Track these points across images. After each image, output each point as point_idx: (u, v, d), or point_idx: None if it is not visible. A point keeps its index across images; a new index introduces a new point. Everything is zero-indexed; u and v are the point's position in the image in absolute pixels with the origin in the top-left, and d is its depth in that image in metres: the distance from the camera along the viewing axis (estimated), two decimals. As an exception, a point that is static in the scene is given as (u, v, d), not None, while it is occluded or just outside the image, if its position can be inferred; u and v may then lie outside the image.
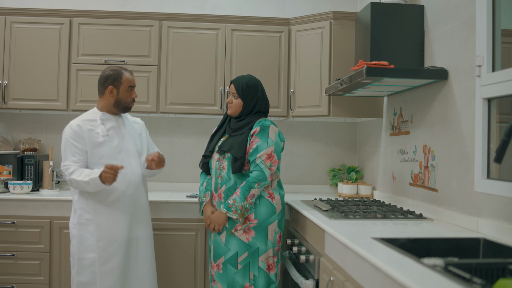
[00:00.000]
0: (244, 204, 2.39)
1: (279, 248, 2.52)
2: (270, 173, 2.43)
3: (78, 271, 2.40)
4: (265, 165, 2.41)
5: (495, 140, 1.94)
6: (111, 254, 2.40)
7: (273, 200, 2.49)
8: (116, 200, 2.43)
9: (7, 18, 3.24)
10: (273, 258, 2.48)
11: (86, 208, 2.41)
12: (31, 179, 3.26)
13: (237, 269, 2.42)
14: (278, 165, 2.53)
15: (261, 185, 2.41)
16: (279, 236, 2.51)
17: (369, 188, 3.29)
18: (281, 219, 2.53)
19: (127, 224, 2.45)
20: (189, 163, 3.66)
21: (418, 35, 2.56)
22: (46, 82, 3.25)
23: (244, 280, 2.43)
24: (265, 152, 2.42)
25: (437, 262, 1.41)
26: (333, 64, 3.17)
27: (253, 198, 2.41)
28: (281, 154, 2.55)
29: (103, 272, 2.38)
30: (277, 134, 2.50)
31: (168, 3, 3.68)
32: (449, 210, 2.23)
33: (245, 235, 2.44)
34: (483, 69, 1.97)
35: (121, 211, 2.44)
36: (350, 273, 1.73)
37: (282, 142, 2.55)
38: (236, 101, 2.54)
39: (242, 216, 2.41)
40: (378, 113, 3.19)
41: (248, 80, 2.56)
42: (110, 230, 2.40)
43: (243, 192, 2.39)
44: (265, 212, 2.45)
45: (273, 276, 2.48)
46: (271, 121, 2.53)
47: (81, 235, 2.40)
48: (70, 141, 2.42)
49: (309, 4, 3.72)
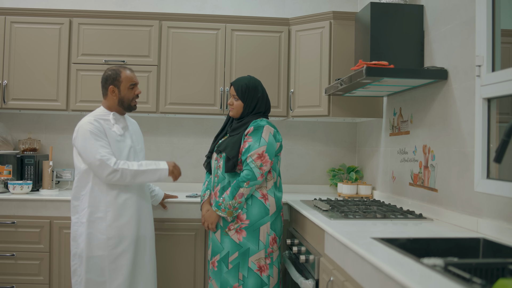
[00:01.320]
0: (233, 203, 2.40)
1: (273, 250, 2.49)
2: (260, 173, 2.41)
3: (88, 269, 2.40)
4: (255, 165, 2.40)
5: (495, 140, 1.94)
6: (121, 252, 2.42)
7: (266, 201, 2.47)
8: (126, 199, 2.46)
9: (7, 18, 3.24)
10: (265, 259, 2.45)
11: (97, 206, 2.41)
12: (31, 179, 3.26)
13: (228, 268, 2.44)
14: (277, 167, 2.53)
15: (251, 185, 2.40)
16: (273, 238, 2.48)
17: (369, 188, 3.29)
18: (275, 220, 2.50)
19: (136, 223, 2.48)
20: (189, 163, 3.66)
21: (418, 35, 2.56)
22: (46, 82, 3.24)
23: (234, 280, 2.43)
24: (256, 151, 2.42)
25: (437, 262, 1.41)
26: (333, 64, 3.17)
27: (242, 197, 2.40)
28: (277, 155, 2.53)
29: (113, 270, 2.40)
30: (271, 135, 2.47)
31: (168, 3, 3.68)
32: (449, 210, 2.23)
33: (237, 235, 2.44)
34: (483, 69, 1.97)
35: (131, 210, 2.47)
36: (350, 273, 1.73)
37: (277, 142, 2.52)
38: (236, 103, 2.56)
39: (230, 215, 2.42)
40: (378, 113, 3.19)
41: (247, 82, 2.57)
42: (120, 228, 2.42)
43: (232, 191, 2.40)
44: (257, 213, 2.44)
45: (266, 278, 2.45)
46: (268, 121, 2.52)
47: (90, 233, 2.40)
48: (96, 133, 2.38)
49: (309, 4, 3.72)
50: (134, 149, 2.56)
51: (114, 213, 2.42)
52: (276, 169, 2.54)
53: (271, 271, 2.48)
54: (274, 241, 2.50)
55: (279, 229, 2.54)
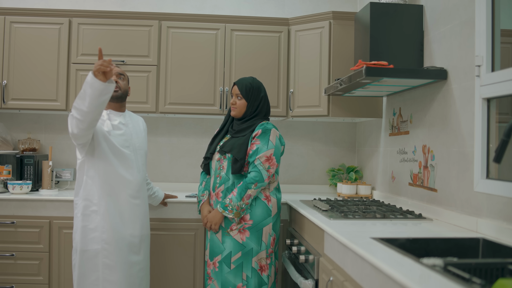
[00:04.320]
0: (240, 204, 2.41)
1: (273, 250, 2.54)
2: (268, 175, 2.44)
3: (80, 263, 2.38)
4: (263, 167, 2.43)
5: (495, 140, 1.94)
6: (115, 247, 2.38)
7: (269, 202, 2.50)
8: (122, 195, 2.42)
9: (7, 18, 3.24)
10: (266, 259, 2.48)
11: (92, 199, 2.38)
12: (31, 179, 3.26)
13: (230, 268, 2.44)
14: (277, 168, 2.54)
15: (258, 186, 2.42)
16: (273, 238, 2.52)
17: (368, 188, 3.29)
18: (276, 221, 2.55)
19: (131, 219, 2.45)
20: (188, 163, 3.66)
21: (417, 35, 2.56)
22: (45, 82, 3.24)
23: (237, 280, 2.43)
24: (264, 154, 2.44)
25: (436, 262, 1.41)
26: (332, 64, 3.17)
27: (249, 198, 2.42)
28: (280, 158, 2.56)
29: (106, 265, 2.36)
30: (277, 138, 2.52)
31: (167, 3, 3.68)
32: (448, 210, 2.23)
33: (240, 235, 2.45)
34: (483, 69, 1.97)
35: (126, 206, 2.43)
36: (350, 273, 1.73)
37: (282, 146, 2.57)
38: (240, 102, 2.56)
39: (238, 216, 2.42)
40: (378, 113, 3.19)
41: (251, 81, 2.59)
42: (115, 224, 2.39)
43: (240, 192, 2.41)
44: (261, 213, 2.47)
45: (265, 277, 2.48)
46: (273, 125, 2.57)
47: (85, 226, 2.38)
48: None
49: (309, 4, 3.72)
50: (134, 146, 2.51)
51: (109, 208, 2.38)
52: (277, 171, 2.58)
53: (270, 270, 2.51)
54: (274, 242, 2.54)
55: (278, 230, 2.59)
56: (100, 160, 2.38)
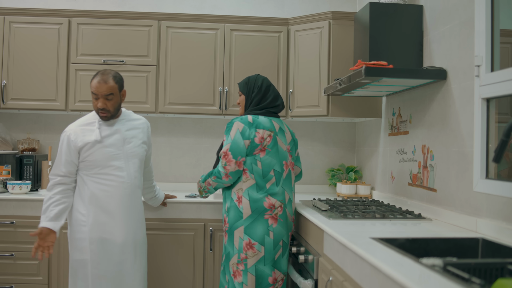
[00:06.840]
0: (202, 185, 2.54)
1: (248, 256, 2.33)
2: (224, 172, 2.35)
3: (72, 272, 2.39)
4: (221, 163, 2.38)
5: (494, 140, 1.94)
6: (104, 257, 2.34)
7: (240, 204, 2.36)
8: (112, 203, 2.37)
9: (6, 18, 3.24)
10: (237, 265, 2.35)
11: (80, 209, 2.37)
12: (30, 179, 3.25)
13: (222, 269, 2.49)
14: (257, 167, 2.36)
15: (216, 181, 2.42)
16: (247, 243, 2.33)
17: (368, 188, 3.29)
18: (252, 224, 2.34)
19: (123, 228, 2.39)
20: (187, 163, 3.66)
21: (417, 35, 2.56)
22: (45, 82, 3.24)
23: (224, 281, 2.46)
24: (223, 150, 2.40)
25: (436, 262, 1.41)
26: (332, 64, 3.17)
27: (210, 186, 2.48)
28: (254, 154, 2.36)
29: (95, 275, 2.33)
30: (239, 131, 2.34)
31: (167, 3, 3.67)
32: (447, 210, 2.23)
33: (224, 237, 2.47)
34: (482, 69, 1.97)
35: (117, 215, 2.38)
36: (349, 273, 1.73)
37: (247, 140, 2.34)
38: (240, 98, 2.59)
39: (199, 192, 2.58)
40: (377, 113, 3.19)
41: (250, 76, 2.59)
42: (103, 233, 2.35)
43: (206, 175, 2.49)
44: (233, 216, 2.38)
45: (238, 285, 2.34)
46: (245, 117, 2.39)
47: (73, 236, 2.38)
48: (64, 149, 2.37)
49: (308, 4, 3.72)
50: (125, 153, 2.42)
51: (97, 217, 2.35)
52: (253, 170, 2.37)
53: (244, 278, 2.33)
54: (250, 247, 2.33)
55: (258, 234, 2.33)
56: (87, 176, 2.38)
